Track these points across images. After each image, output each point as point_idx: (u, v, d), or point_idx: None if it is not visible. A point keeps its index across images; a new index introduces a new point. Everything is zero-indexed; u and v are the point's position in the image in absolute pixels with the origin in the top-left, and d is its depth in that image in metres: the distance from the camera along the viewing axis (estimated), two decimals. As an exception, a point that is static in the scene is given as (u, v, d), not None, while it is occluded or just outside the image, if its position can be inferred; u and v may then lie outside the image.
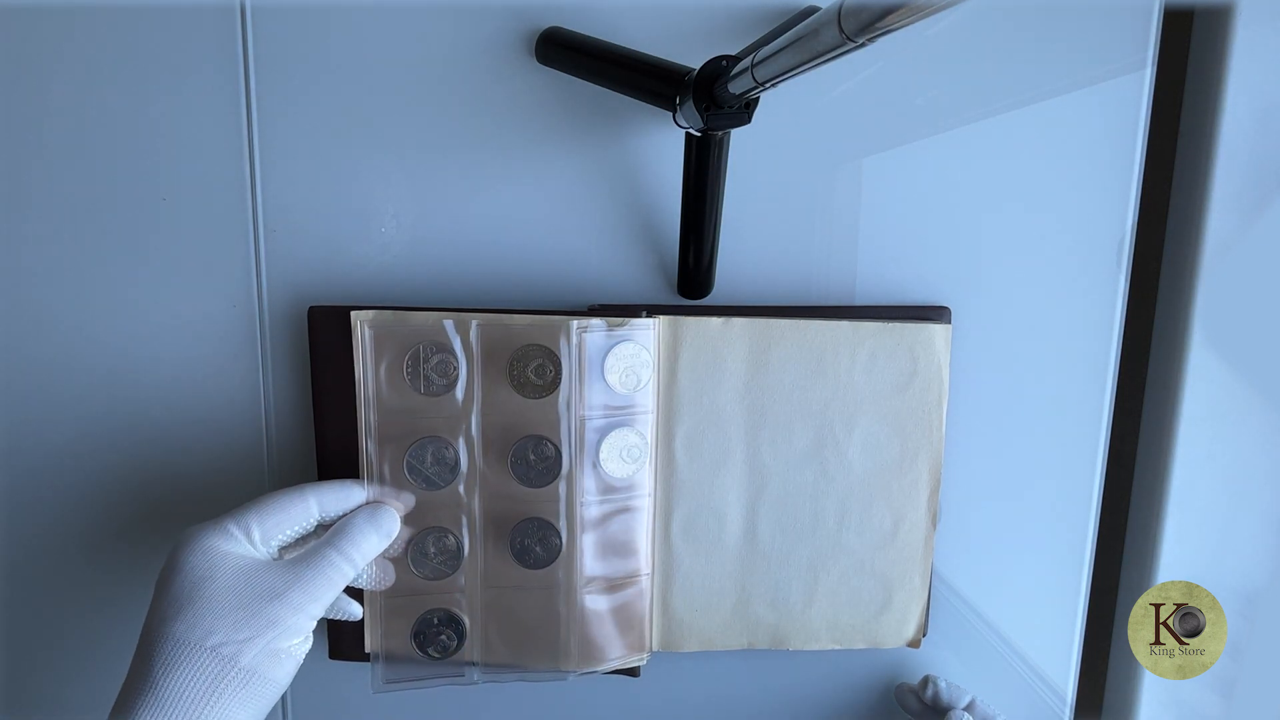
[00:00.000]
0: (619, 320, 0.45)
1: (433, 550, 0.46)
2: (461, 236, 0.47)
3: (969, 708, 0.48)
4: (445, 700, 0.52)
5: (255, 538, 0.40)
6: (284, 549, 0.42)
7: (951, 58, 0.46)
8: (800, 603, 0.50)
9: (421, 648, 0.47)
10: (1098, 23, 0.46)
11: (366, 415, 0.45)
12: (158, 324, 0.47)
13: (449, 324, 0.45)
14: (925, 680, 0.50)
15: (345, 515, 0.43)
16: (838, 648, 0.50)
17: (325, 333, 0.46)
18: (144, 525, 0.49)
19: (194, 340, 0.48)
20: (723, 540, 0.49)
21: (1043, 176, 0.47)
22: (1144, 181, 0.48)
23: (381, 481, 0.45)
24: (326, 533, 0.42)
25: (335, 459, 0.47)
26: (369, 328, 0.44)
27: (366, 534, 0.42)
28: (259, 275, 0.47)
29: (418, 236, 0.47)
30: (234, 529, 0.39)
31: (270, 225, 0.47)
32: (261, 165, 0.46)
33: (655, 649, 0.50)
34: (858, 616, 0.50)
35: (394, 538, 0.44)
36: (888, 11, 0.23)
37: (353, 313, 0.44)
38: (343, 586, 0.40)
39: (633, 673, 0.50)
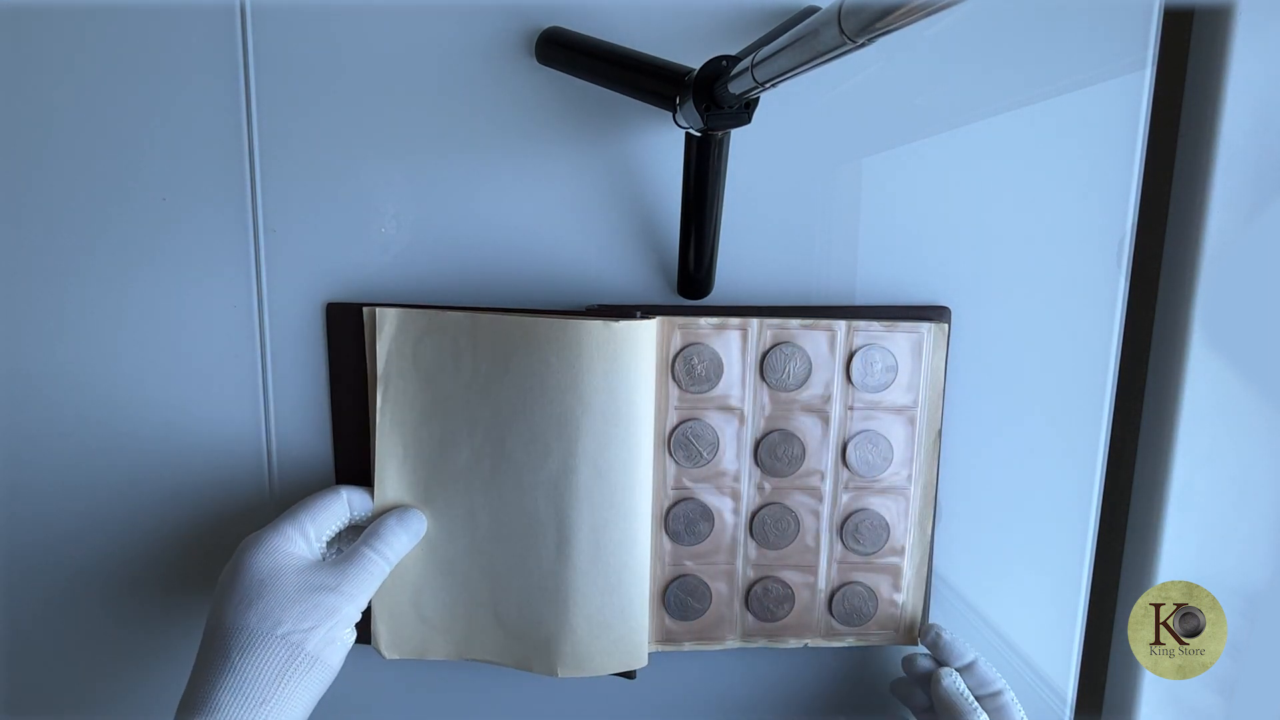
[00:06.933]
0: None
1: None
2: (461, 236, 0.47)
3: (969, 668, 0.47)
4: (444, 698, 0.52)
5: (310, 536, 0.44)
6: (328, 545, 0.46)
7: (951, 58, 0.46)
8: (800, 603, 0.50)
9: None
10: (1098, 23, 0.46)
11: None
12: (157, 324, 0.47)
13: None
14: (929, 628, 0.49)
15: (378, 517, 0.47)
16: (835, 646, 0.50)
17: (342, 328, 0.47)
18: (141, 525, 0.49)
19: (193, 340, 0.48)
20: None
21: (1043, 176, 0.47)
22: (1144, 181, 0.48)
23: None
24: (363, 533, 0.46)
25: (351, 449, 0.49)
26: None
27: (397, 534, 0.46)
28: (259, 275, 0.47)
29: (418, 236, 0.47)
30: (291, 531, 0.44)
31: (270, 225, 0.47)
32: (261, 165, 0.46)
33: (652, 650, 0.50)
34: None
35: (421, 536, 0.47)
36: (888, 11, 0.23)
37: (366, 308, 0.46)
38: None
39: (629, 675, 0.49)
